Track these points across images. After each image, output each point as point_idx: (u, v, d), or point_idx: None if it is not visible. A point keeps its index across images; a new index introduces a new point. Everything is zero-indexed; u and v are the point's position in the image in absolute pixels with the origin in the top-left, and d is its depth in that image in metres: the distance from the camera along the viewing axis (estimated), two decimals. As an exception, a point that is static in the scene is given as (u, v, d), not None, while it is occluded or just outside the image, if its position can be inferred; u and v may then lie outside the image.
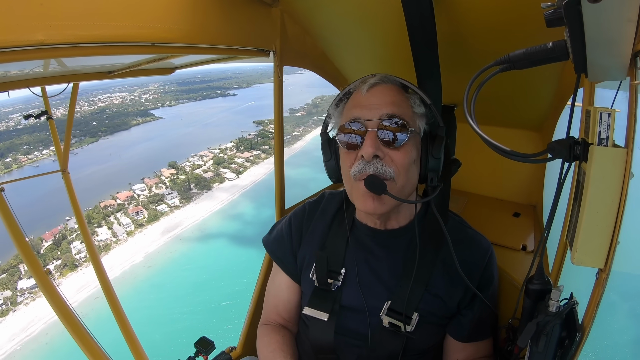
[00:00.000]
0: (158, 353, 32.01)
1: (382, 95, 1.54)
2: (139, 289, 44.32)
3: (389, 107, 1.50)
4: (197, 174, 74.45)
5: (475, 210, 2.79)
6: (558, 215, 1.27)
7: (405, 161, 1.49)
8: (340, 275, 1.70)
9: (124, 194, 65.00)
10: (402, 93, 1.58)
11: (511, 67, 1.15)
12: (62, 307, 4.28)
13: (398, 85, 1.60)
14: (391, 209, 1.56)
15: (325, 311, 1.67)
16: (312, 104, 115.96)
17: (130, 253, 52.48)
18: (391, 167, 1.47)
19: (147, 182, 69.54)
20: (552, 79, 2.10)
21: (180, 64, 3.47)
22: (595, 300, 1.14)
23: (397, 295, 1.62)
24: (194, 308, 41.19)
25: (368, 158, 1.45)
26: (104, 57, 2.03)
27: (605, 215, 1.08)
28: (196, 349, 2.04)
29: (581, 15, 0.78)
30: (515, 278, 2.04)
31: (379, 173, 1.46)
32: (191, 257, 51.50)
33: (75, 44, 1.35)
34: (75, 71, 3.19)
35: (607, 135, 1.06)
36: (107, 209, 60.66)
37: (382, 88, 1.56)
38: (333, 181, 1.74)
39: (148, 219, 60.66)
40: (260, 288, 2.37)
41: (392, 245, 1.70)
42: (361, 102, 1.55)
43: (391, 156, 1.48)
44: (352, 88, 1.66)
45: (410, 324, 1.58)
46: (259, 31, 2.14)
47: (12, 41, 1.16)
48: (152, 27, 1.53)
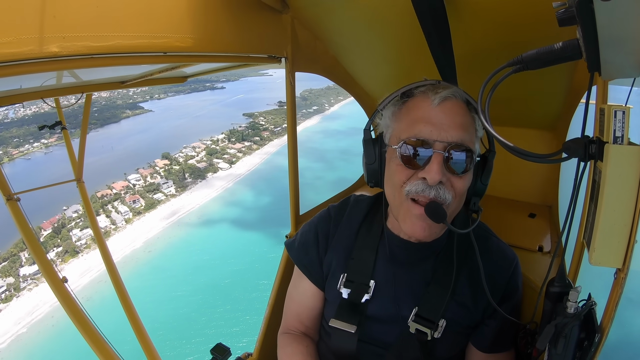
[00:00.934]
0: (163, 332, 34.40)
1: (453, 115, 1.43)
2: (141, 271, 45.58)
3: (459, 131, 1.41)
4: (191, 164, 75.17)
5: (490, 212, 2.76)
6: (574, 216, 1.26)
7: (464, 188, 1.47)
8: (370, 288, 1.65)
9: (120, 183, 65.85)
10: (468, 113, 1.48)
11: (524, 68, 1.14)
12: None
13: (464, 102, 1.49)
14: (456, 231, 1.48)
15: (353, 323, 1.63)
16: (300, 96, 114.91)
17: (130, 239, 53.45)
18: (450, 193, 1.42)
19: (141, 173, 70.29)
20: (564, 77, 2.08)
21: (192, 72, 3.50)
22: (613, 301, 1.13)
23: (425, 302, 1.60)
24: (196, 287, 42.63)
25: (433, 184, 1.38)
26: (117, 67, 2.06)
27: (622, 214, 1.07)
28: (212, 355, 2.05)
29: (593, 14, 0.78)
30: (532, 279, 2.02)
31: (439, 199, 1.40)
32: (190, 241, 52.59)
33: (89, 55, 1.37)
34: (88, 82, 3.23)
35: (622, 133, 1.05)
36: (104, 198, 61.52)
37: (453, 105, 1.44)
38: (371, 185, 1.67)
39: (145, 207, 61.70)
40: (276, 293, 2.37)
41: (424, 256, 1.66)
42: (430, 117, 1.42)
43: (452, 182, 1.43)
44: (415, 91, 1.52)
45: (438, 331, 1.57)
46: (270, 38, 2.15)
47: (26, 54, 1.18)
48: (165, 37, 1.54)
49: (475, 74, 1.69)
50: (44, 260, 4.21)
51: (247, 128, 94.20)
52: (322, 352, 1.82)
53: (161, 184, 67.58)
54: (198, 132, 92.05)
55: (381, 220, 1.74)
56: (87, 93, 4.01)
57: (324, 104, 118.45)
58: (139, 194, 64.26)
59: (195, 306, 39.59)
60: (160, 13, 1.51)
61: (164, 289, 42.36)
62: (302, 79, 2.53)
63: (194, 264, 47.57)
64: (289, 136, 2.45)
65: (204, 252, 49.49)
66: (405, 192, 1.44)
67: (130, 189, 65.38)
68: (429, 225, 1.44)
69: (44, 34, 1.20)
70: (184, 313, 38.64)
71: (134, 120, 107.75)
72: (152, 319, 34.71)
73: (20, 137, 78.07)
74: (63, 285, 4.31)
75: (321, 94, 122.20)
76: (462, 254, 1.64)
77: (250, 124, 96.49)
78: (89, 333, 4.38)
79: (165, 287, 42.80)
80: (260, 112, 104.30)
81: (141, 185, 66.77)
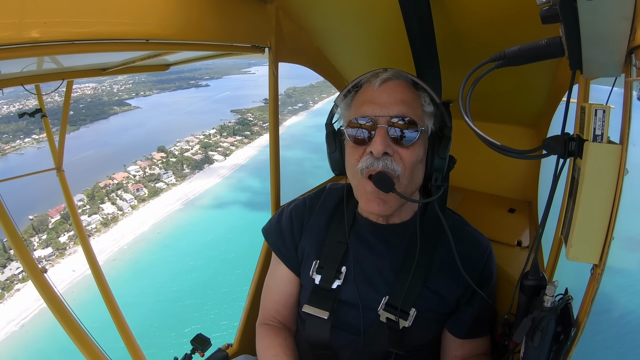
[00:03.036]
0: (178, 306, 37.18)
1: (394, 92, 1.51)
2: (152, 250, 48.24)
3: (400, 105, 1.48)
4: (187, 156, 76.08)
5: (470, 206, 2.79)
6: (553, 211, 1.28)
7: (412, 159, 1.49)
8: (342, 274, 1.68)
9: (120, 174, 66.12)
10: (413, 91, 1.56)
11: (506, 64, 1.15)
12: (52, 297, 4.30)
13: (409, 82, 1.58)
14: (395, 209, 1.56)
15: (326, 309, 1.66)
16: (284, 94, 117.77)
17: (138, 223, 55.15)
18: (399, 165, 1.47)
19: (140, 164, 70.61)
20: (547, 75, 2.10)
21: (175, 60, 3.45)
22: (590, 296, 1.15)
23: (396, 290, 1.62)
24: (205, 262, 44.75)
25: (378, 155, 1.44)
26: (98, 54, 2.01)
27: (600, 211, 1.08)
28: (192, 346, 2.04)
29: (577, 12, 0.78)
30: (510, 274, 2.05)
31: (387, 170, 1.45)
32: (196, 223, 54.19)
33: (70, 41, 1.34)
34: (69, 68, 3.17)
35: (602, 131, 1.06)
36: (107, 187, 61.92)
37: (394, 84, 1.54)
38: (336, 174, 1.73)
39: (149, 194, 62.95)
40: (256, 284, 2.37)
41: (394, 240, 1.69)
42: (372, 98, 1.52)
43: (400, 154, 1.48)
44: (362, 81, 1.62)
45: (408, 320, 1.58)
46: (254, 28, 2.13)
47: (6, 39, 1.15)
48: (147, 24, 1.52)
49: (459, 68, 1.70)
50: (24, 252, 4.15)
51: (237, 123, 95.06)
52: (298, 344, 1.83)
53: (161, 174, 68.73)
54: (190, 127, 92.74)
55: (354, 207, 1.78)
56: (68, 80, 3.92)
57: (308, 101, 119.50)
58: (141, 184, 64.54)
59: (207, 275, 41.93)
60: (143, 0, 1.49)
61: (176, 263, 44.79)
62: (285, 76, 2.54)
63: (203, 240, 48.86)
64: (270, 125, 2.45)
65: (211, 231, 50.47)
66: (359, 170, 1.50)
67: (130, 179, 65.70)
68: (382, 199, 1.51)
69: (25, 20, 1.17)
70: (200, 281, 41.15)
71: (123, 116, 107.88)
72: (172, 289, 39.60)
73: (9, 133, 77.04)
74: (43, 276, 4.25)
75: (305, 91, 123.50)
76: (434, 241, 1.67)
77: (239, 120, 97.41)
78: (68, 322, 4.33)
79: (177, 261, 45.20)
80: (248, 109, 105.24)
81: (141, 175, 67.33)
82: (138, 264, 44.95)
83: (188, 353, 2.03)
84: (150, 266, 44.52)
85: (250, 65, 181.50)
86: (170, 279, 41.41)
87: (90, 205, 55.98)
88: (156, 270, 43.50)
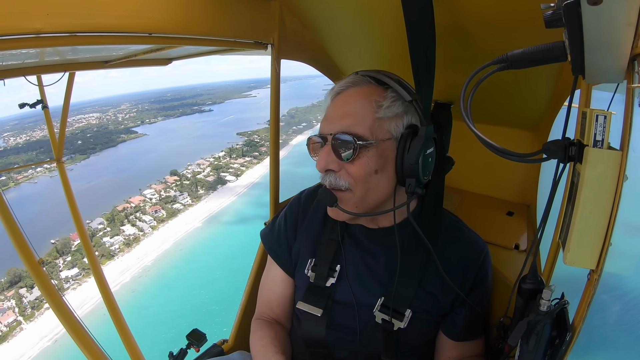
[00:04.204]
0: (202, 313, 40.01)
1: (341, 106, 1.53)
2: (176, 265, 52.47)
3: (344, 119, 1.48)
4: (200, 178, 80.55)
5: (469, 208, 2.79)
6: (551, 216, 1.28)
7: (360, 173, 1.47)
8: (336, 272, 1.69)
9: (137, 198, 70.02)
10: (367, 97, 1.50)
11: (509, 67, 1.14)
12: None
13: (369, 84, 1.55)
14: (359, 215, 1.58)
15: (319, 307, 1.67)
16: (287, 114, 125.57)
17: (159, 242, 59.15)
18: (347, 180, 1.48)
19: (155, 188, 74.90)
20: (549, 79, 2.10)
21: (177, 55, 3.44)
22: (586, 301, 1.15)
23: (391, 292, 1.62)
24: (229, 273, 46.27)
25: (321, 171, 1.51)
26: (101, 46, 2.01)
27: (598, 216, 1.09)
28: (188, 341, 2.05)
29: (580, 17, 0.78)
30: (507, 277, 2.05)
31: (332, 186, 1.50)
32: (216, 239, 57.94)
33: (72, 33, 1.34)
34: (71, 60, 3.16)
35: (603, 137, 1.07)
36: (126, 210, 65.33)
37: (345, 95, 1.54)
38: None
39: (167, 215, 66.86)
40: (253, 282, 2.37)
41: (388, 243, 1.68)
42: (327, 114, 1.56)
43: (347, 169, 1.48)
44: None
45: (403, 321, 1.59)
46: (258, 24, 2.13)
47: (8, 29, 1.15)
48: (150, 17, 1.51)
49: (461, 69, 1.69)
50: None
51: (244, 145, 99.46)
52: (294, 341, 1.85)
53: (177, 195, 73.19)
54: (199, 150, 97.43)
55: None
56: (69, 72, 3.92)
57: (311, 120, 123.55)
58: (159, 205, 69.33)
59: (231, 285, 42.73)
60: None
61: (200, 276, 47.73)
62: (287, 97, 2.56)
63: (226, 254, 51.26)
64: (271, 125, 2.43)
65: (234, 245, 52.67)
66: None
67: (147, 201, 69.72)
68: (336, 209, 1.53)
69: (28, 10, 1.16)
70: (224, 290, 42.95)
71: (130, 143, 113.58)
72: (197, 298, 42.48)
73: (19, 164, 77.91)
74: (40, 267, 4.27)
75: (307, 111, 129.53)
76: (431, 242, 1.64)
77: (246, 142, 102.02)
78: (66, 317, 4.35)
79: (200, 274, 48.17)
80: (253, 131, 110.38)
81: (157, 198, 71.77)
82: (164, 278, 48.60)
83: (183, 348, 2.03)
84: (175, 279, 47.91)
85: (251, 89, 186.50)
86: (195, 289, 44.08)
87: (111, 228, 59.36)
88: (181, 282, 46.71)
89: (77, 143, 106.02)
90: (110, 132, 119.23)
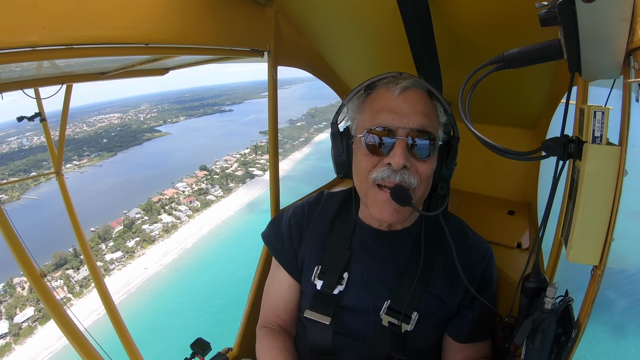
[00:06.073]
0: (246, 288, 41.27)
1: (415, 103, 1.47)
2: (214, 248, 56.14)
3: (421, 117, 1.45)
4: (229, 172, 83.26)
5: (470, 209, 2.79)
6: (553, 213, 1.28)
7: (428, 173, 1.50)
8: (343, 279, 1.67)
9: (170, 191, 73.00)
10: (430, 101, 1.52)
11: (506, 66, 1.15)
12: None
13: (426, 91, 1.54)
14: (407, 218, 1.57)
15: (327, 315, 1.65)
16: (307, 114, 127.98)
17: (196, 228, 62.82)
18: (415, 178, 1.46)
19: (186, 182, 77.53)
20: (546, 77, 2.11)
21: (174, 64, 3.44)
22: (590, 297, 1.15)
23: (398, 294, 1.61)
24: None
25: (397, 168, 1.42)
26: (97, 58, 2.01)
27: (599, 212, 1.08)
28: (192, 350, 2.03)
29: (575, 15, 0.79)
30: (510, 276, 2.04)
31: (405, 183, 1.44)
32: (251, 226, 56.89)
33: (69, 46, 1.34)
34: (68, 72, 3.16)
35: (601, 133, 1.07)
36: (160, 201, 68.70)
37: (414, 94, 1.49)
38: (340, 177, 1.71)
39: (202, 205, 70.21)
40: (256, 289, 2.36)
41: (396, 246, 1.68)
42: (392, 106, 1.47)
43: (417, 167, 1.47)
44: (377, 83, 1.56)
45: (410, 324, 1.58)
46: (253, 31, 2.13)
47: (5, 43, 1.14)
48: (146, 28, 1.51)
49: (458, 70, 1.70)
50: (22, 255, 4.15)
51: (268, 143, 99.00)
52: (299, 349, 1.83)
53: (209, 188, 75.92)
54: (225, 148, 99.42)
55: (356, 212, 1.76)
56: (67, 84, 3.91)
57: (330, 119, 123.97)
58: (193, 197, 72.36)
59: None
60: (142, 4, 1.48)
61: (239, 256, 48.95)
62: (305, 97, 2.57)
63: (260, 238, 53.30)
64: (270, 130, 2.44)
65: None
66: (371, 180, 1.48)
67: (180, 194, 73.58)
68: (396, 209, 1.48)
69: (24, 23, 1.16)
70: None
71: (155, 142, 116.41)
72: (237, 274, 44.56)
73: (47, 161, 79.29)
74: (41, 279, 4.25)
75: (326, 110, 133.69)
76: (435, 246, 1.66)
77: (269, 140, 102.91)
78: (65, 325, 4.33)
79: (239, 255, 49.65)
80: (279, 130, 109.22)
81: (189, 191, 74.50)
82: (204, 259, 52.16)
83: (188, 357, 2.02)
84: (215, 260, 51.53)
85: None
86: (235, 268, 46.28)
87: (149, 217, 63.19)
88: (221, 262, 50.13)
89: (102, 141, 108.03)
90: (134, 131, 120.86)
